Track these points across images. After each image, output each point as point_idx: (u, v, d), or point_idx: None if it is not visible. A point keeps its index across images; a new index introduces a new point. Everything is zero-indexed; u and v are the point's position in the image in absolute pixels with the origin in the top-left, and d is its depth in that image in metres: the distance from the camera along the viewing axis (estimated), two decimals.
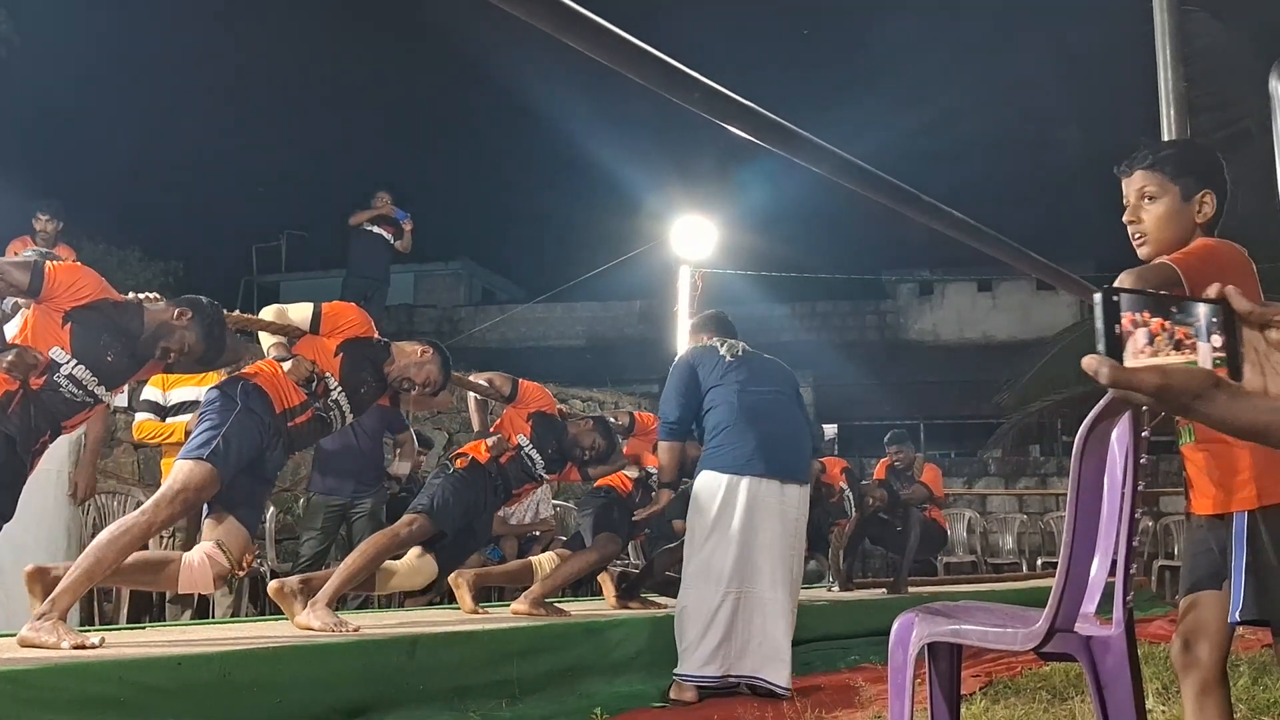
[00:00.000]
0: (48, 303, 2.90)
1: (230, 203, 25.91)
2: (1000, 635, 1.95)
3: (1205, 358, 0.86)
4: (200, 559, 3.21)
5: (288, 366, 3.45)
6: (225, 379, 3.49)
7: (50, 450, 3.13)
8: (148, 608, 5.30)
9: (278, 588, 3.74)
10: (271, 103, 29.05)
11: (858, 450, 13.82)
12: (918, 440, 12.30)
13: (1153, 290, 0.88)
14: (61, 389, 2.90)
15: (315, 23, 29.08)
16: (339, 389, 3.52)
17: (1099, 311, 0.86)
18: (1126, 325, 0.86)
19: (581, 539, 4.91)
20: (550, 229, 30.03)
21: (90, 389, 2.95)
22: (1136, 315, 0.86)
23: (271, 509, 6.15)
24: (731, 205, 11.38)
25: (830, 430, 17.32)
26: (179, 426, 4.55)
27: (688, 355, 4.28)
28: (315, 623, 3.53)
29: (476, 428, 4.98)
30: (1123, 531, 1.89)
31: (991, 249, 1.31)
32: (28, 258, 2.99)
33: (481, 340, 16.88)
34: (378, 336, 3.78)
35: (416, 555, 4.21)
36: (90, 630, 3.60)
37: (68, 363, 2.90)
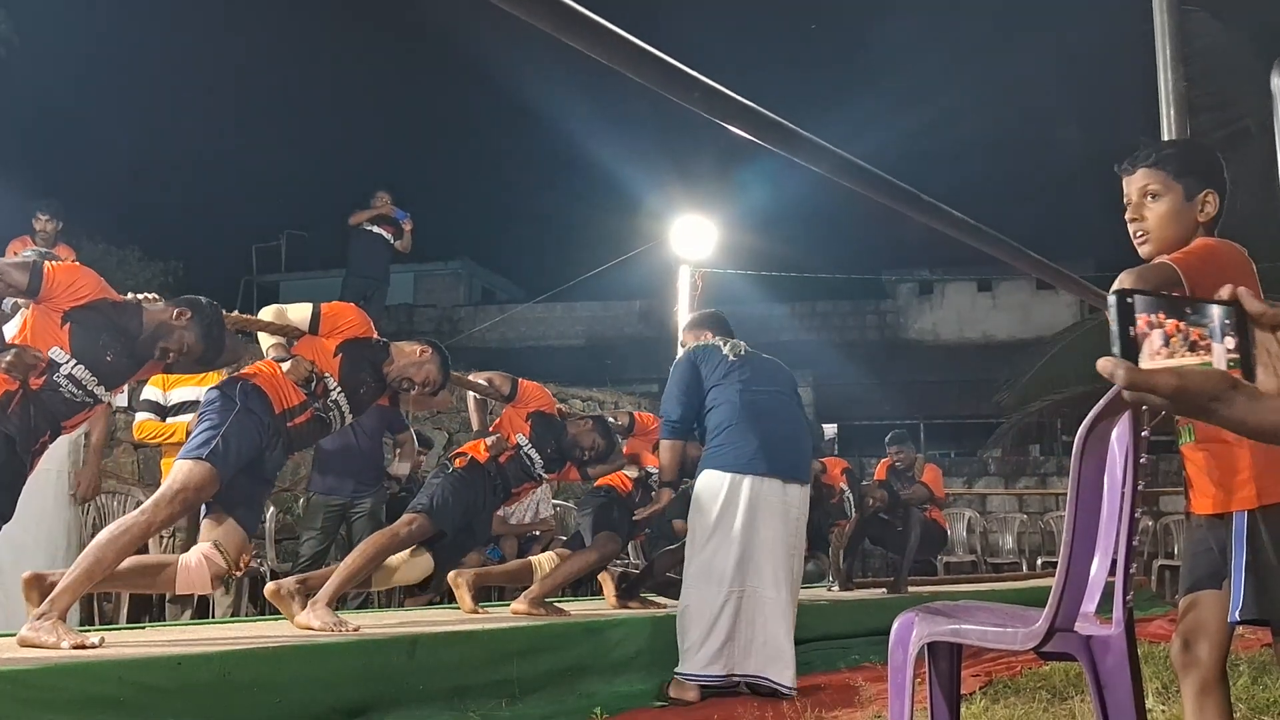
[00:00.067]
0: (46, 303, 2.90)
1: (230, 203, 25.96)
2: (1000, 635, 1.95)
3: (1220, 359, 0.86)
4: (198, 559, 3.21)
5: (287, 367, 3.45)
6: (224, 379, 3.49)
7: (50, 450, 3.12)
8: (148, 608, 5.30)
9: (274, 590, 3.74)
10: (271, 103, 29.11)
11: (858, 450, 13.83)
12: (917, 440, 12.31)
13: (1163, 292, 0.88)
14: (61, 389, 2.90)
15: (315, 23, 29.12)
16: (338, 389, 3.52)
17: (1113, 314, 0.86)
18: (1142, 327, 0.86)
19: (581, 539, 4.90)
20: (550, 229, 30.09)
21: (90, 389, 2.95)
22: (1152, 317, 0.86)
23: (271, 509, 6.15)
24: (731, 205, 11.38)
25: (830, 430, 17.32)
26: (180, 426, 4.55)
27: (689, 353, 4.23)
28: (315, 622, 3.54)
29: (476, 427, 4.98)
30: (1123, 531, 1.89)
31: (991, 249, 1.31)
32: (27, 258, 2.99)
33: (481, 340, 16.88)
34: (377, 336, 3.78)
35: (411, 551, 4.21)
36: (90, 630, 3.59)
37: (67, 362, 2.90)
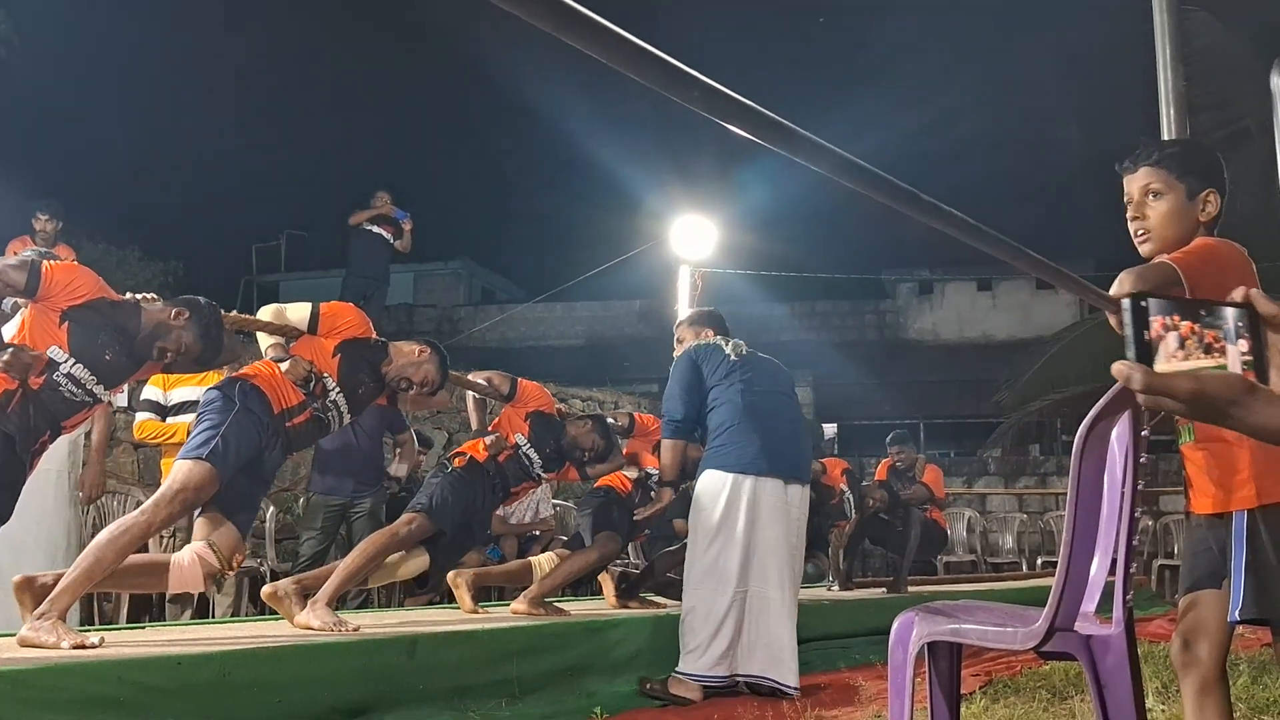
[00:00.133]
0: (44, 302, 2.90)
1: (230, 203, 25.96)
2: (1000, 634, 1.95)
3: (1234, 361, 0.86)
4: (190, 558, 3.21)
5: (285, 367, 3.45)
6: (223, 379, 3.49)
7: (50, 450, 3.12)
8: (147, 608, 5.30)
9: (271, 592, 3.74)
10: (271, 103, 29.12)
11: (857, 450, 13.84)
12: (917, 440, 12.30)
13: (1178, 296, 0.88)
14: (60, 388, 2.90)
15: (315, 23, 29.12)
16: (337, 389, 3.51)
17: (1128, 318, 0.86)
18: (1158, 329, 0.86)
19: (581, 539, 4.90)
20: (550, 229, 30.11)
21: (89, 388, 2.95)
22: (1167, 319, 0.86)
23: (271, 509, 6.16)
24: (731, 205, 11.39)
25: (830, 430, 17.32)
26: (180, 427, 4.55)
27: (690, 352, 4.19)
28: (315, 622, 3.54)
29: (475, 426, 4.98)
30: (1122, 530, 1.89)
31: (991, 248, 1.31)
32: (25, 257, 2.98)
33: (481, 340, 16.88)
34: (376, 336, 3.78)
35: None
36: (90, 630, 3.60)
37: (66, 362, 2.90)
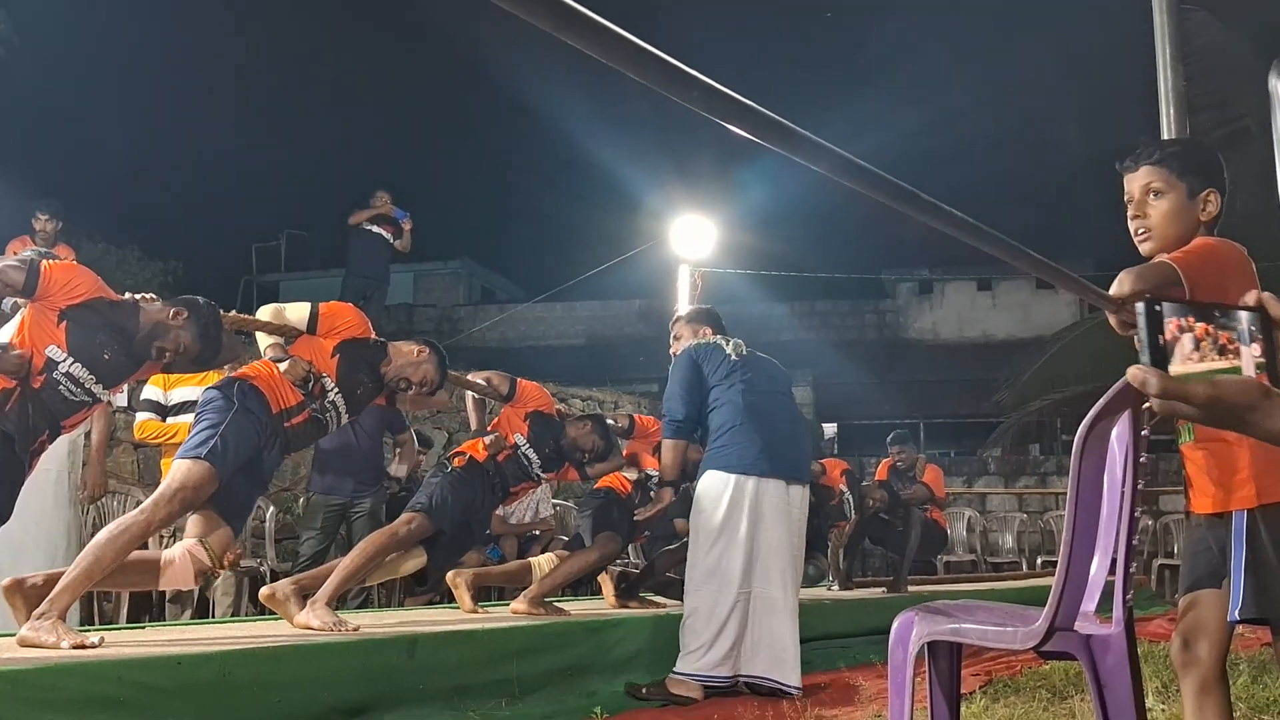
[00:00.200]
0: (43, 301, 2.90)
1: (230, 203, 25.94)
2: (1000, 634, 1.95)
3: (1248, 363, 0.87)
4: (182, 554, 3.22)
5: (284, 367, 3.45)
6: (221, 379, 3.49)
7: (50, 450, 3.12)
8: (147, 607, 5.30)
9: (269, 594, 3.73)
10: (271, 103, 29.10)
11: (857, 450, 13.84)
12: (917, 439, 12.29)
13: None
14: (60, 387, 2.90)
15: (315, 23, 29.11)
16: (335, 390, 3.51)
17: (1142, 322, 0.87)
18: (1173, 331, 0.86)
19: (581, 540, 4.90)
20: (550, 228, 30.12)
21: (89, 388, 2.95)
22: (1182, 321, 0.86)
23: (271, 509, 6.16)
24: (731, 204, 11.39)
25: (830, 429, 17.32)
26: (181, 427, 4.54)
27: (691, 351, 4.17)
28: (315, 622, 3.53)
29: (474, 426, 4.98)
30: (1122, 530, 1.89)
31: (991, 248, 1.31)
32: (24, 257, 2.98)
33: (481, 339, 16.88)
34: (375, 336, 3.78)
35: None
36: (90, 630, 3.60)
37: (64, 361, 2.90)
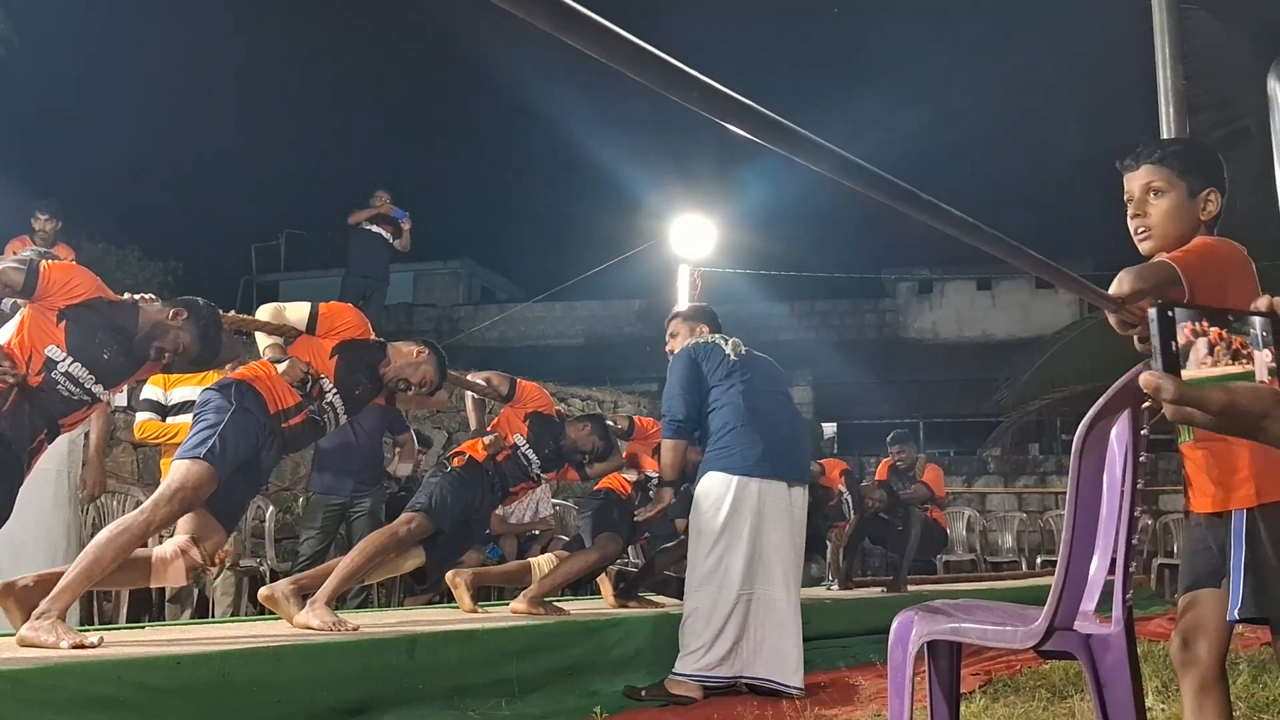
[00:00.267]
0: (42, 301, 2.90)
1: (230, 203, 25.93)
2: (1000, 633, 1.95)
3: (1261, 368, 0.87)
4: (173, 551, 3.22)
5: (283, 368, 3.45)
6: (219, 380, 3.49)
7: (49, 450, 3.12)
8: (147, 607, 5.30)
9: (268, 594, 3.73)
10: (271, 103, 29.08)
11: (857, 449, 13.83)
12: (917, 439, 12.29)
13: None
14: (59, 386, 2.90)
15: (315, 23, 29.10)
16: (333, 391, 3.51)
17: (1155, 328, 0.87)
18: (1187, 335, 0.86)
19: (581, 541, 4.90)
20: (550, 228, 30.11)
21: (88, 387, 2.95)
22: (1196, 325, 0.87)
23: (271, 508, 6.16)
24: (731, 204, 11.39)
25: (830, 429, 17.32)
26: (181, 426, 4.53)
27: (690, 350, 4.15)
28: (314, 622, 3.53)
29: (474, 426, 4.99)
30: (1122, 529, 1.89)
31: (990, 247, 1.31)
32: (23, 257, 2.98)
33: (480, 339, 16.88)
34: (374, 337, 3.77)
35: None
36: (89, 630, 3.59)
37: (64, 360, 2.90)
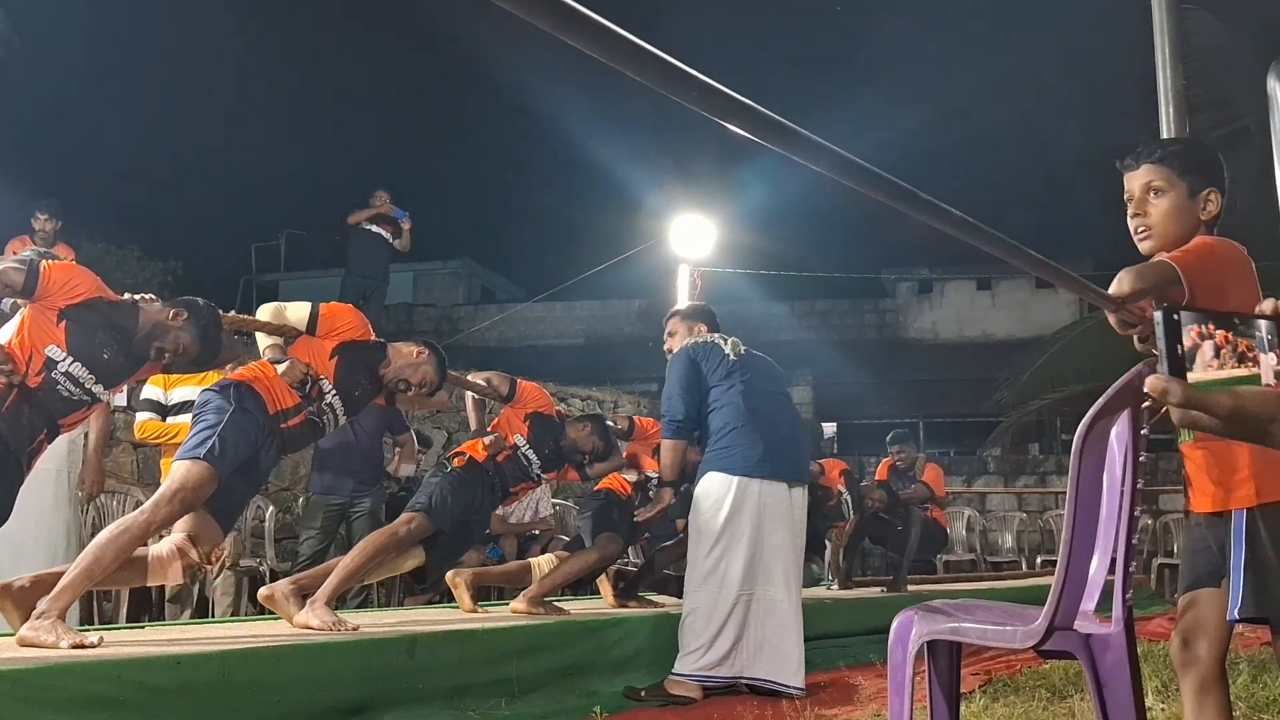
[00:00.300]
0: (42, 301, 2.90)
1: (230, 202, 25.95)
2: (999, 633, 1.95)
3: (1267, 371, 0.87)
4: (169, 549, 3.22)
5: (282, 369, 3.45)
6: (218, 381, 3.49)
7: (49, 449, 3.12)
8: (147, 607, 5.30)
9: (268, 594, 3.73)
10: (271, 103, 29.08)
11: (857, 449, 13.82)
12: (917, 439, 12.29)
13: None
14: (59, 386, 2.90)
15: (315, 23, 29.11)
16: (333, 392, 3.51)
17: (1160, 331, 0.87)
18: (1193, 337, 0.87)
19: (581, 541, 4.90)
20: (550, 228, 30.12)
21: (88, 387, 2.95)
22: (1202, 328, 0.87)
23: (271, 508, 6.16)
24: (731, 204, 11.39)
25: (829, 429, 17.31)
26: (182, 426, 4.53)
27: (689, 350, 4.13)
28: (314, 621, 3.53)
29: (474, 427, 4.98)
30: (1122, 529, 1.89)
31: (990, 247, 1.31)
32: (23, 257, 2.98)
33: (480, 339, 16.88)
34: (375, 338, 3.77)
35: None
36: (89, 630, 3.59)
37: (64, 360, 2.90)
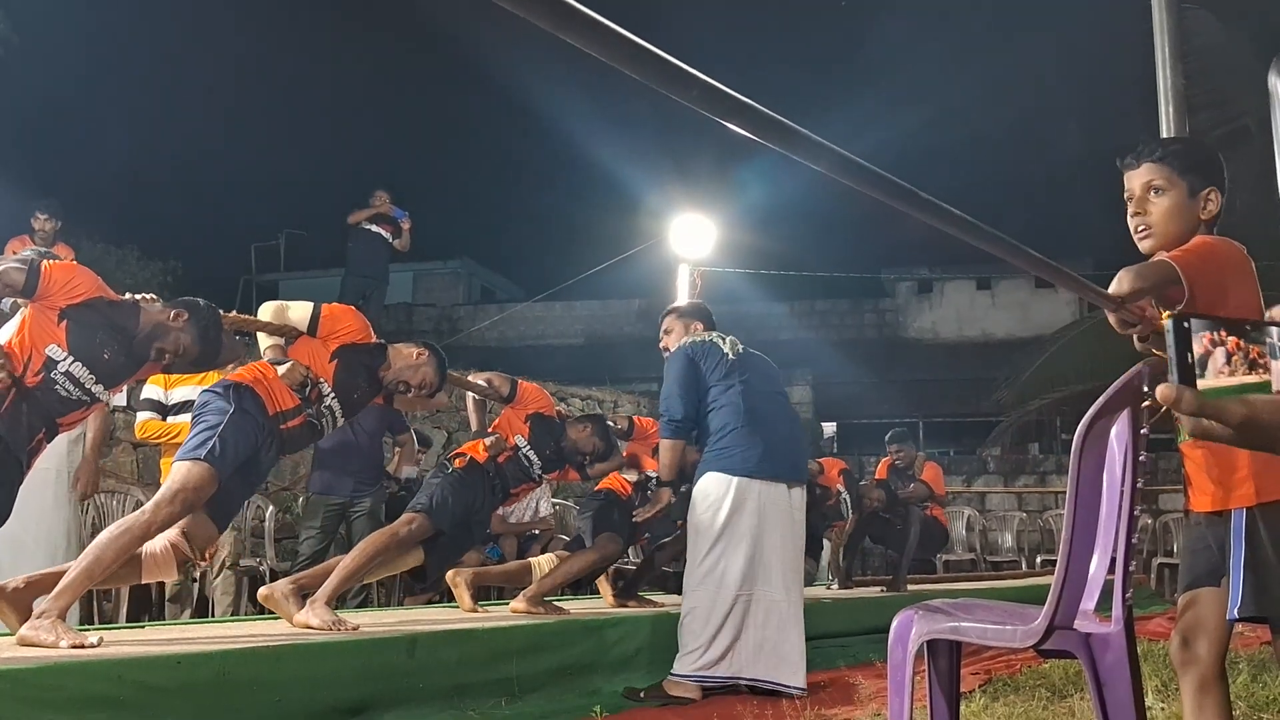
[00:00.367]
0: (43, 301, 2.90)
1: (229, 202, 25.96)
2: (999, 632, 1.95)
3: (1278, 378, 0.87)
4: (164, 546, 3.23)
5: (282, 371, 3.45)
6: (217, 382, 3.49)
7: (49, 449, 3.13)
8: (147, 606, 5.30)
9: (267, 594, 3.73)
10: (271, 103, 29.06)
11: (857, 449, 13.82)
12: (917, 438, 12.29)
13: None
14: (58, 386, 2.90)
15: (315, 23, 29.10)
16: (332, 394, 3.51)
17: (1170, 339, 0.87)
18: (1205, 344, 0.87)
19: (581, 541, 4.90)
20: (550, 228, 30.14)
21: (88, 387, 2.95)
22: (1214, 335, 0.87)
23: (271, 508, 6.16)
24: (730, 203, 11.38)
25: (829, 429, 17.31)
26: (182, 426, 4.51)
27: (687, 349, 4.11)
28: (314, 621, 3.53)
29: (474, 427, 4.98)
30: (1122, 529, 1.90)
31: (990, 246, 1.31)
32: (24, 257, 2.98)
33: (480, 339, 16.88)
34: (375, 339, 3.77)
35: None
36: (89, 629, 3.59)
37: (64, 360, 2.90)
